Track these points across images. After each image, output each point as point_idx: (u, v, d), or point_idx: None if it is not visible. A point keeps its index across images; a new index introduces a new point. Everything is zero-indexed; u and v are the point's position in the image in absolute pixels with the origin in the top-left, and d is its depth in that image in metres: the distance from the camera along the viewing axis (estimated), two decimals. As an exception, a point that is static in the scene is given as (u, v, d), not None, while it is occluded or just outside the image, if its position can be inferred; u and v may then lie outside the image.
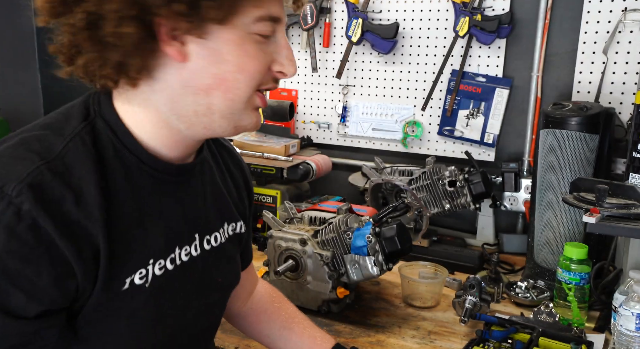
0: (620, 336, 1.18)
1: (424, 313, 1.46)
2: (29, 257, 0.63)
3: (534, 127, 1.90)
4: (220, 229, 0.91)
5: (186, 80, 0.71)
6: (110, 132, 0.74)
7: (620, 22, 1.72)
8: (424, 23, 2.03)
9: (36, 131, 0.71)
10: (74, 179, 0.67)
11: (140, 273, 0.74)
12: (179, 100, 0.73)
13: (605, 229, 1.23)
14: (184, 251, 0.82)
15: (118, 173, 0.73)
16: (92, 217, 0.68)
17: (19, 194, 0.62)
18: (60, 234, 0.64)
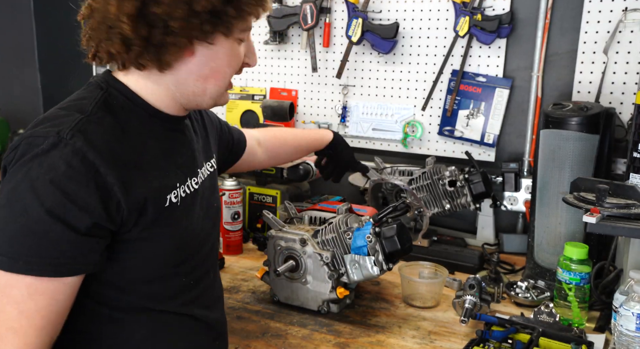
0: (620, 337, 1.18)
1: (424, 313, 1.46)
2: (81, 181, 0.85)
3: (534, 127, 1.90)
4: (207, 163, 1.18)
5: (191, 70, 0.99)
6: (122, 96, 0.99)
7: (621, 22, 1.72)
8: (424, 23, 2.03)
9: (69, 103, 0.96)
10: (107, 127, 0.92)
11: (174, 193, 1.00)
12: (183, 82, 1.00)
13: (605, 229, 1.23)
14: (193, 181, 1.07)
15: (135, 121, 0.98)
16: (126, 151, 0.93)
17: (72, 137, 0.86)
18: (105, 164, 0.87)
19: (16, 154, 0.87)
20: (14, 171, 0.86)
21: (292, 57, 2.28)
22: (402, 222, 1.39)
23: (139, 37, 0.92)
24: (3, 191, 0.87)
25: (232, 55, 1.01)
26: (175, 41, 0.94)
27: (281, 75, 2.32)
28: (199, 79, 1.00)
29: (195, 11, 0.92)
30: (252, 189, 2.01)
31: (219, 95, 1.05)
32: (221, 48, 0.99)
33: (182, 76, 1.00)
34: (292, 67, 2.29)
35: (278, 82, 2.33)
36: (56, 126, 0.88)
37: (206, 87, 1.02)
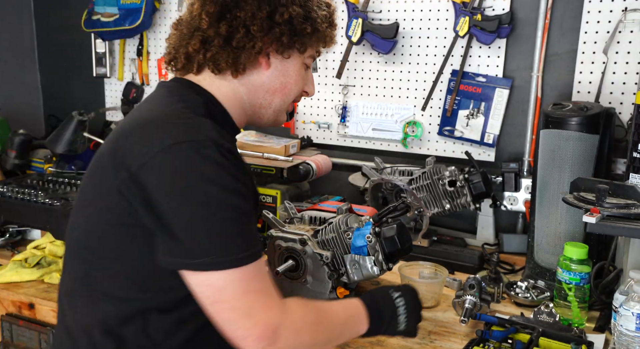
0: (620, 336, 1.18)
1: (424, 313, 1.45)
2: (242, 170, 0.95)
3: (534, 127, 1.90)
4: None
5: (263, 81, 1.09)
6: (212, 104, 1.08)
7: (621, 22, 1.72)
8: (424, 23, 2.03)
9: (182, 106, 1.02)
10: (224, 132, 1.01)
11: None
12: (254, 92, 1.10)
13: (605, 229, 1.23)
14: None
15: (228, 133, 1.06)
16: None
17: (220, 138, 0.94)
18: (243, 163, 1.01)
19: (170, 161, 0.89)
20: (183, 177, 0.89)
21: (292, 57, 2.28)
22: (402, 222, 1.39)
23: (218, 36, 1.02)
24: (182, 204, 0.89)
25: (300, 76, 1.13)
26: (254, 45, 1.03)
27: (281, 76, 2.31)
28: (268, 91, 1.10)
29: (275, 21, 1.03)
30: (252, 189, 2.01)
31: (281, 112, 1.15)
32: (292, 65, 1.11)
33: (254, 85, 1.09)
34: (292, 67, 2.29)
35: (278, 82, 2.32)
36: (198, 130, 0.94)
37: (273, 101, 1.12)
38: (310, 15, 1.07)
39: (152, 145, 0.91)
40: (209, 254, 0.88)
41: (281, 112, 1.15)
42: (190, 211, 0.88)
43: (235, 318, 0.90)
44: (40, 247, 1.75)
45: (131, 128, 0.98)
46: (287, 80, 1.11)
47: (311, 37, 1.08)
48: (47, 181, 2.06)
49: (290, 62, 1.10)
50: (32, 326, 1.58)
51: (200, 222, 0.89)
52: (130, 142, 0.94)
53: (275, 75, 1.09)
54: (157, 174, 0.89)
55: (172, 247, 0.90)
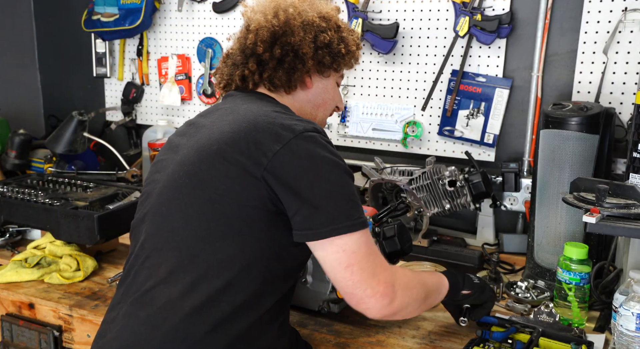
0: (620, 336, 1.18)
1: (424, 313, 1.46)
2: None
3: (534, 127, 1.90)
4: None
5: (309, 98, 1.29)
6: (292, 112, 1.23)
7: (621, 22, 1.72)
8: (424, 23, 2.03)
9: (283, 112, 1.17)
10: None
11: None
12: (303, 107, 1.28)
13: (605, 229, 1.24)
14: None
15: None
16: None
17: (324, 132, 1.12)
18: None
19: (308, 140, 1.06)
20: (315, 158, 1.05)
21: (292, 57, 2.28)
22: (402, 222, 1.39)
23: (273, 59, 1.21)
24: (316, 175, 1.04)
25: (335, 92, 1.33)
26: (303, 66, 1.22)
27: (281, 76, 2.32)
28: (314, 106, 1.29)
29: (318, 45, 1.23)
30: (252, 189, 2.01)
31: (323, 122, 1.36)
32: (330, 84, 1.30)
33: (302, 101, 1.27)
34: (292, 67, 2.29)
35: (278, 82, 2.32)
36: (309, 122, 1.12)
37: (317, 115, 1.31)
38: (343, 39, 1.27)
39: (282, 136, 1.05)
40: (348, 218, 1.03)
41: (323, 123, 1.35)
42: (327, 184, 1.04)
43: (365, 278, 1.03)
44: (40, 247, 1.75)
45: (252, 121, 1.10)
46: (327, 96, 1.30)
47: (344, 57, 1.28)
48: (47, 181, 2.06)
49: (328, 81, 1.30)
50: (32, 326, 1.58)
51: (335, 192, 1.04)
52: (260, 133, 1.06)
53: (318, 93, 1.28)
54: (293, 158, 1.03)
55: (312, 219, 1.03)
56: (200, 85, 2.48)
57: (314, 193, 1.03)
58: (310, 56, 1.23)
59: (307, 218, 1.03)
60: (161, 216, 1.12)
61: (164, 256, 1.08)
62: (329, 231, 1.02)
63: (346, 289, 1.04)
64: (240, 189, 1.04)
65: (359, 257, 1.03)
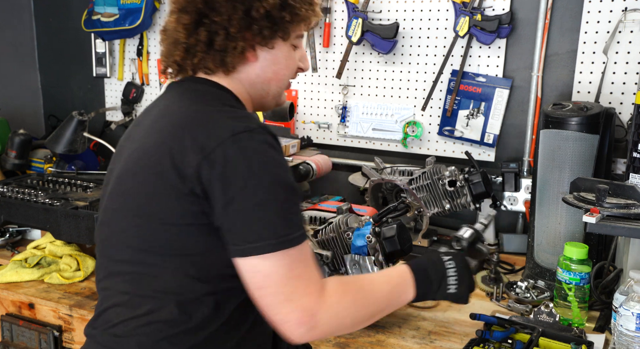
0: (620, 336, 1.18)
1: (424, 313, 1.46)
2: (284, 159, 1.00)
3: (534, 127, 1.90)
4: None
5: (257, 73, 1.10)
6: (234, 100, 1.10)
7: (621, 22, 1.72)
8: (424, 23, 2.03)
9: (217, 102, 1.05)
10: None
11: None
12: (253, 84, 1.11)
13: (605, 229, 1.24)
14: None
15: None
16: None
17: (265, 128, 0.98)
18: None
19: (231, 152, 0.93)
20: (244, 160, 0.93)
21: (292, 57, 2.28)
22: (402, 222, 1.39)
23: (200, 43, 1.05)
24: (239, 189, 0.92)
25: (290, 59, 1.13)
26: (236, 45, 1.05)
27: (281, 76, 2.32)
28: (264, 81, 1.12)
29: (253, 17, 1.04)
30: (252, 189, 2.01)
31: (279, 95, 1.18)
32: (280, 52, 1.11)
33: (250, 78, 1.10)
34: (292, 67, 2.29)
35: (278, 82, 2.33)
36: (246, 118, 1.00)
37: (270, 89, 1.14)
38: (286, 4, 1.06)
39: (211, 139, 0.94)
40: (271, 236, 0.92)
41: (280, 95, 1.18)
42: (250, 197, 0.92)
43: (276, 304, 0.93)
44: (40, 247, 1.75)
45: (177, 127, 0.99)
46: (278, 67, 1.12)
47: (292, 23, 1.08)
48: (47, 181, 2.06)
49: (277, 51, 1.10)
50: (32, 326, 1.58)
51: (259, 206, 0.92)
52: (185, 140, 0.95)
53: (266, 65, 1.10)
54: (221, 166, 0.92)
55: (232, 234, 0.94)
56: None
57: (235, 207, 0.92)
58: (243, 34, 1.05)
59: (228, 232, 0.94)
60: (104, 238, 1.08)
61: (112, 279, 1.05)
62: (245, 249, 0.93)
63: (260, 310, 0.95)
64: (172, 207, 0.96)
65: (273, 280, 0.93)
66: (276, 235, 0.92)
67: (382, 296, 1.07)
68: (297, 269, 0.94)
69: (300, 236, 0.96)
